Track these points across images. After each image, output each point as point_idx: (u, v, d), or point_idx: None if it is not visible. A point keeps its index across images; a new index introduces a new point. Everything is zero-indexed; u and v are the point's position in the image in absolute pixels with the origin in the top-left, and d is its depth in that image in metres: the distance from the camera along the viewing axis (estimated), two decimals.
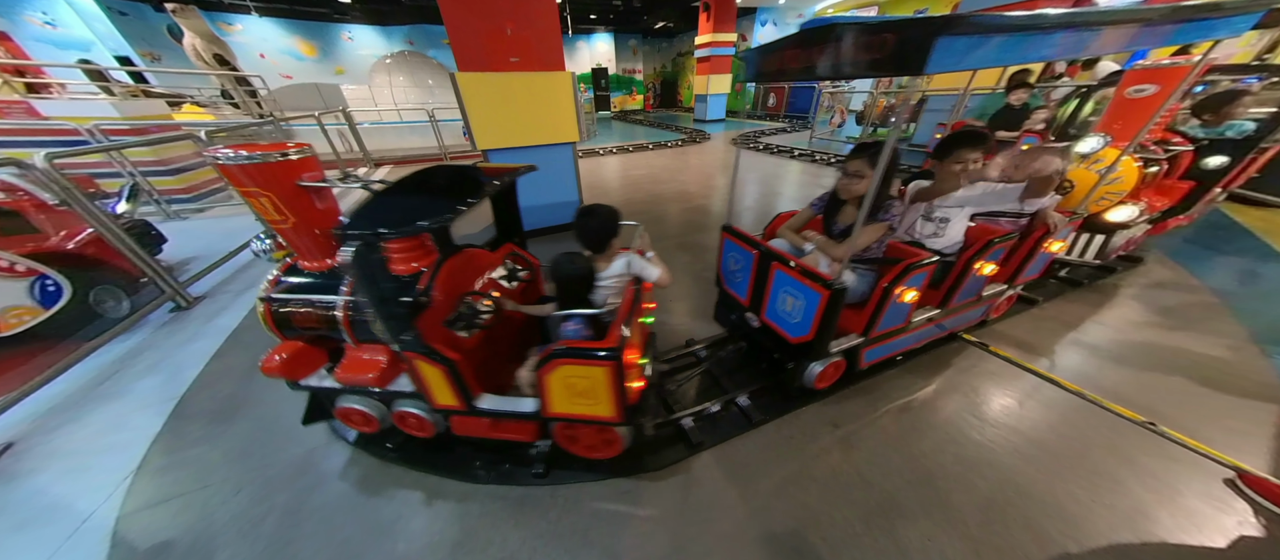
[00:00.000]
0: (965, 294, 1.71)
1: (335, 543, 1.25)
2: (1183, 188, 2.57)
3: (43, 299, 2.16)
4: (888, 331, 1.61)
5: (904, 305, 1.52)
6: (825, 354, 1.51)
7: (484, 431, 1.45)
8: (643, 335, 1.42)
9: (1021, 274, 1.89)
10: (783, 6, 11.77)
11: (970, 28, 0.71)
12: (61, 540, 1.27)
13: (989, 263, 1.63)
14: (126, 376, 2.01)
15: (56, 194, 2.13)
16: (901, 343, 1.75)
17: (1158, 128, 2.51)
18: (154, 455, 1.58)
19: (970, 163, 1.56)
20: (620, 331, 1.09)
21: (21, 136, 3.95)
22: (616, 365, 1.08)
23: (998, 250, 1.61)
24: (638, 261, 1.34)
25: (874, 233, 1.47)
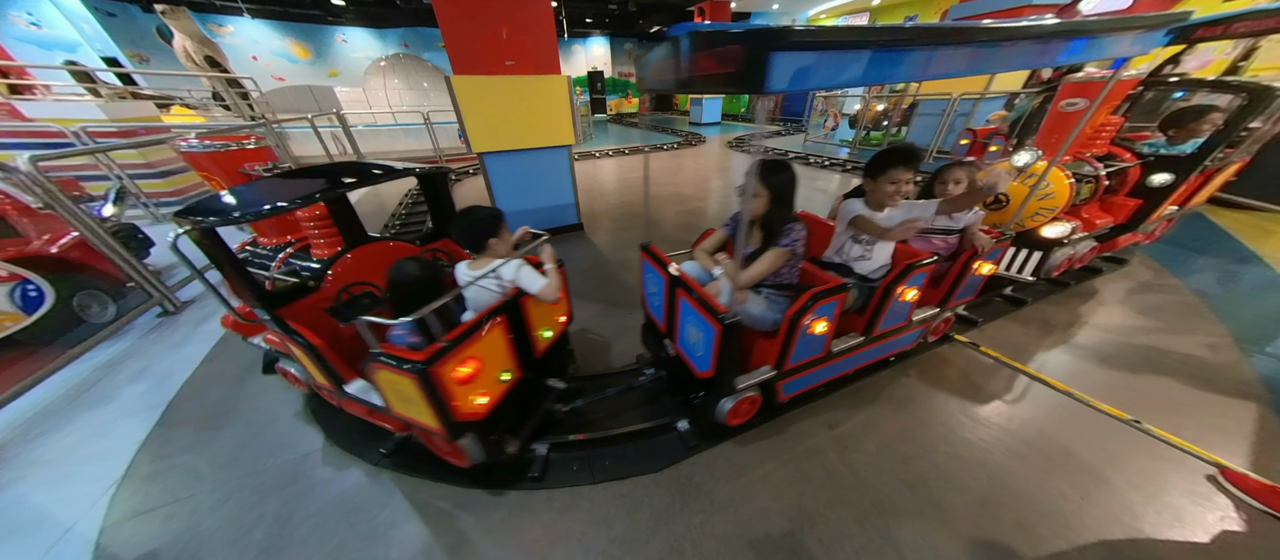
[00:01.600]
0: (890, 320, 1.58)
1: (326, 550, 1.23)
2: (1130, 204, 2.49)
3: (24, 304, 2.11)
4: (805, 362, 1.47)
5: (818, 335, 1.38)
6: (732, 390, 1.37)
7: (364, 414, 1.43)
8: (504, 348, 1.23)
9: (954, 297, 1.79)
10: (776, 11, 11.93)
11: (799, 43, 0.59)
12: (42, 552, 1.24)
13: (911, 288, 1.50)
14: (111, 383, 1.97)
15: (40, 197, 2.09)
16: (826, 372, 1.62)
17: (1102, 142, 2.38)
18: (140, 463, 1.54)
19: (903, 183, 1.42)
20: (441, 343, 1.04)
21: (3, 139, 3.87)
22: (421, 376, 0.99)
23: (919, 275, 1.47)
24: (522, 270, 1.25)
25: (772, 260, 1.30)
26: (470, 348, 1.10)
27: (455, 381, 1.08)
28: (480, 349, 1.14)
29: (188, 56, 6.45)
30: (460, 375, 1.08)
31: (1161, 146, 2.45)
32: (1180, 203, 2.58)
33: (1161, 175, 2.35)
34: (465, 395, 1.12)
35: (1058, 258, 2.30)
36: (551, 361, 1.66)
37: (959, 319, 2.28)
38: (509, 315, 1.25)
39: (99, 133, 4.04)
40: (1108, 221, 2.44)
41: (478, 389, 1.15)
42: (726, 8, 10.30)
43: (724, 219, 1.57)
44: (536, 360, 1.44)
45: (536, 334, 1.41)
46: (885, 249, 1.54)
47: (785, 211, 1.32)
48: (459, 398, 1.10)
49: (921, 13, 9.52)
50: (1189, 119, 2.34)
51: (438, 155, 7.28)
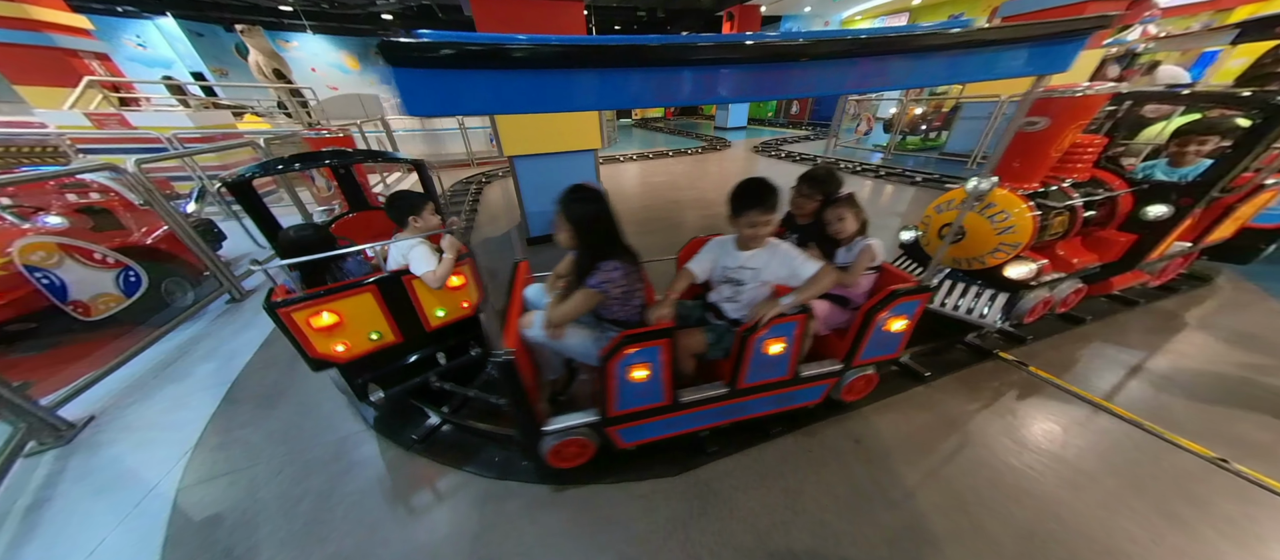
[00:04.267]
0: (760, 373, 1.32)
1: (363, 527, 1.32)
2: (1123, 240, 2.01)
3: (126, 288, 2.43)
4: (642, 410, 1.27)
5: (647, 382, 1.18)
6: (537, 432, 1.25)
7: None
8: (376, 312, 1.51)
9: (859, 353, 1.42)
10: (808, 15, 11.65)
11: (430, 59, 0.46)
12: (131, 507, 1.42)
13: (776, 340, 1.24)
14: (188, 361, 2.22)
15: (141, 195, 2.40)
16: (685, 423, 1.40)
17: (1082, 166, 1.92)
18: (209, 434, 1.73)
19: (760, 226, 1.22)
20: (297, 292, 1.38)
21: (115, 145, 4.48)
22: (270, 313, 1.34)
23: (784, 326, 1.22)
24: (414, 252, 1.50)
25: (579, 302, 1.17)
26: (331, 302, 1.40)
27: (310, 326, 1.39)
28: (344, 306, 1.43)
29: (259, 70, 7.19)
30: (316, 323, 1.40)
31: (1160, 170, 2.04)
32: (1193, 238, 2.11)
33: (1157, 207, 1.90)
34: (324, 340, 1.43)
35: (1029, 301, 1.92)
36: (453, 337, 1.80)
37: (1007, 335, 2.10)
38: (384, 286, 1.49)
39: (187, 138, 4.60)
40: (1092, 260, 2.04)
41: (338, 338, 1.46)
42: (756, 13, 10.19)
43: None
44: (427, 333, 1.66)
45: (426, 310, 1.62)
46: (755, 292, 1.30)
47: (595, 248, 1.17)
48: (316, 341, 1.42)
49: (967, 10, 8.97)
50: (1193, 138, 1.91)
51: (470, 158, 7.66)
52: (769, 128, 12.52)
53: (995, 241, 1.84)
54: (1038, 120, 1.70)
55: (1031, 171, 1.79)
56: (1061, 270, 1.98)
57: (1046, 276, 1.90)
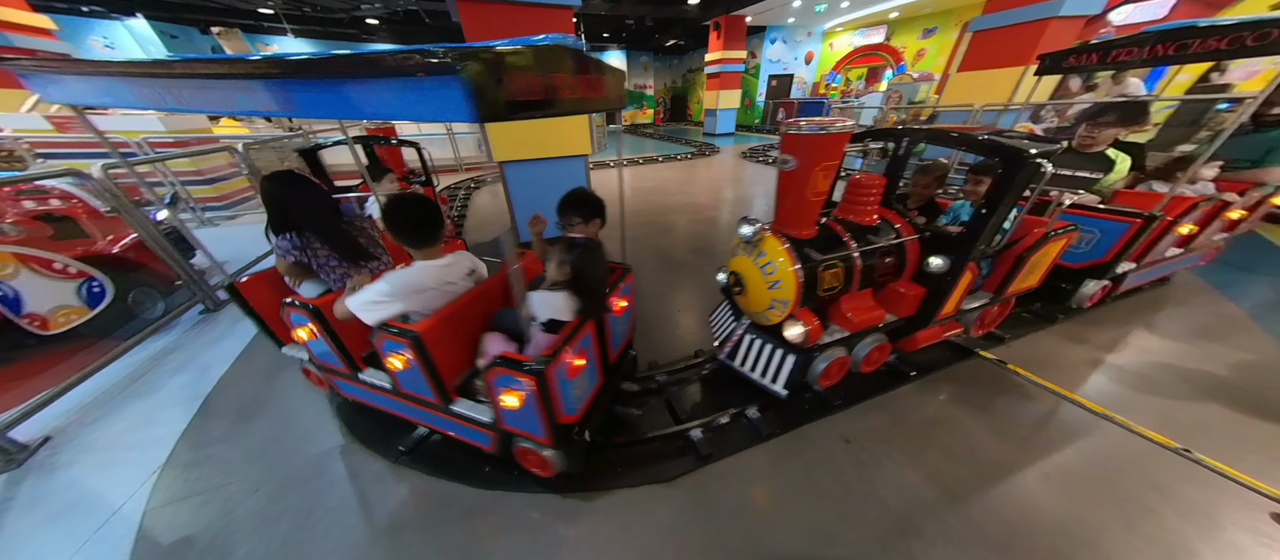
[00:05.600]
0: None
1: (346, 544, 1.27)
2: (915, 293, 1.65)
3: (89, 299, 2.30)
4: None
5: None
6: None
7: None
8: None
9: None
10: (792, 26, 12.01)
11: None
12: (92, 532, 1.33)
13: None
14: (158, 374, 2.10)
15: (108, 202, 2.29)
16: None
17: (868, 207, 1.60)
18: (180, 451, 1.64)
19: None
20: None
21: (80, 149, 4.26)
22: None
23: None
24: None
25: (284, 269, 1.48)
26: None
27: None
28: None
29: None
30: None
31: (965, 211, 1.82)
32: (994, 289, 1.81)
33: (937, 258, 1.55)
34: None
35: (821, 363, 1.61)
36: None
37: (990, 337, 2.16)
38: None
39: (158, 143, 4.41)
40: (876, 318, 1.66)
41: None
42: (741, 23, 10.45)
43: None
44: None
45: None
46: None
47: (281, 220, 1.40)
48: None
49: (941, 25, 9.41)
50: (970, 177, 1.75)
51: (458, 164, 7.57)
52: (756, 134, 12.79)
53: (768, 297, 1.54)
54: (789, 159, 1.38)
55: (800, 217, 1.49)
56: (848, 328, 1.62)
57: (827, 337, 1.59)
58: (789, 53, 12.87)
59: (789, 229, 1.51)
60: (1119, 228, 2.05)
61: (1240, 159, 2.32)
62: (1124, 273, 2.24)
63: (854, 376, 1.81)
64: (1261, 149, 2.25)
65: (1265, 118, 2.24)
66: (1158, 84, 6.05)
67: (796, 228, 1.52)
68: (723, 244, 3.64)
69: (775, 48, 12.76)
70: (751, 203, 5.07)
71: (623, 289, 1.45)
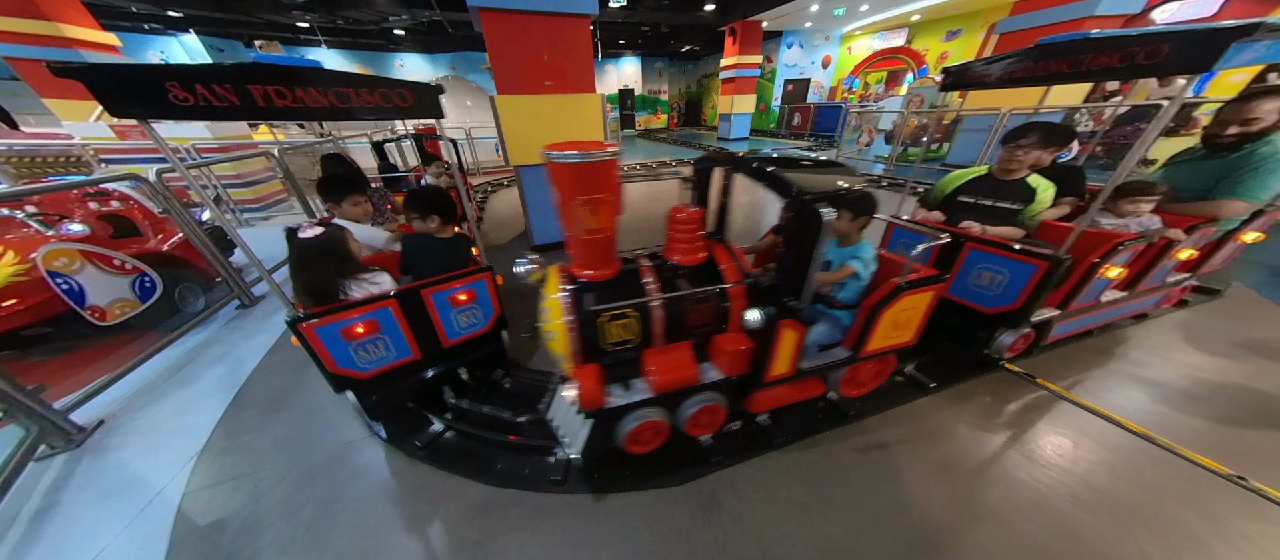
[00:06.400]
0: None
1: (364, 534, 1.32)
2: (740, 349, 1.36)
3: (141, 294, 2.48)
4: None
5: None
6: None
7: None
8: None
9: None
10: (809, 30, 11.90)
11: None
12: (137, 511, 1.42)
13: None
14: (197, 366, 2.25)
15: (160, 203, 2.47)
16: None
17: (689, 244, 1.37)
18: (216, 438, 1.74)
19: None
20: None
21: (138, 155, 4.63)
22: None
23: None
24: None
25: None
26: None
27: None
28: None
29: None
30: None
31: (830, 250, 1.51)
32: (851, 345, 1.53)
33: (751, 312, 1.25)
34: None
35: (627, 428, 1.38)
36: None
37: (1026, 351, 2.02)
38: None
39: (205, 148, 4.75)
40: (687, 378, 1.35)
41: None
42: (758, 28, 10.43)
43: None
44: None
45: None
46: None
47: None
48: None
49: (966, 27, 9.12)
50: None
51: (475, 168, 7.80)
52: (771, 139, 12.66)
53: (558, 346, 1.29)
54: (554, 191, 1.14)
55: (588, 256, 1.27)
56: (651, 388, 1.33)
57: (623, 398, 1.32)
58: (806, 57, 12.73)
59: (577, 268, 1.29)
60: (1026, 270, 1.65)
61: (1185, 188, 1.89)
62: (1045, 320, 1.86)
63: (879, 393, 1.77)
64: (1211, 177, 1.81)
65: (1219, 140, 1.78)
66: (1208, 85, 5.65)
67: (584, 268, 1.28)
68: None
69: (792, 52, 12.65)
70: (764, 207, 5.02)
71: (467, 285, 1.65)
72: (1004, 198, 1.82)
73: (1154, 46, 1.13)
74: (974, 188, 1.94)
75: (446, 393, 1.83)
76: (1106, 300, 1.95)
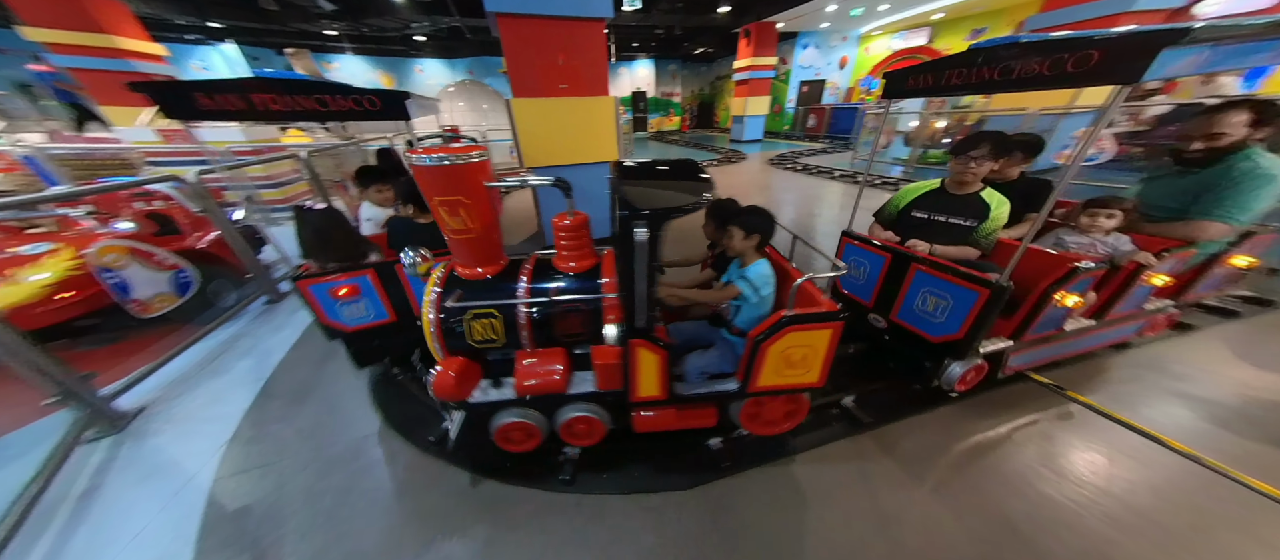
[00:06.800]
0: None
1: (380, 525, 1.36)
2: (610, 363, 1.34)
3: (179, 288, 2.63)
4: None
5: None
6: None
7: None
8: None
9: None
10: (826, 31, 11.70)
11: None
12: (171, 495, 1.50)
13: None
14: (229, 357, 2.36)
15: (199, 203, 2.62)
16: None
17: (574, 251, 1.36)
18: (244, 427, 1.82)
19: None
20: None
21: (180, 157, 4.93)
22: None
23: None
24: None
25: None
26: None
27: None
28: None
29: None
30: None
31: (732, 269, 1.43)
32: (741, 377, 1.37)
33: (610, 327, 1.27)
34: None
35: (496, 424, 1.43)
36: None
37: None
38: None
39: (240, 151, 5.01)
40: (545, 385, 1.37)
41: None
42: (772, 30, 10.32)
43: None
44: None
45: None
46: None
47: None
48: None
49: (991, 26, 8.80)
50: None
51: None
52: (785, 140, 12.49)
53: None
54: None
55: (464, 253, 1.32)
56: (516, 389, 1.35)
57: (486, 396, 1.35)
58: (822, 58, 12.53)
59: (457, 264, 1.34)
60: (968, 296, 1.46)
61: (1157, 206, 1.72)
62: (996, 351, 1.65)
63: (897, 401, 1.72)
64: (1186, 195, 1.64)
65: (1187, 155, 1.63)
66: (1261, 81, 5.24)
67: (463, 265, 1.33)
68: None
69: (807, 54, 12.47)
70: (778, 210, 4.95)
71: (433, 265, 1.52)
72: (957, 213, 1.65)
73: (1082, 53, 0.96)
74: (927, 202, 1.77)
75: (414, 356, 1.97)
76: (1073, 329, 1.73)
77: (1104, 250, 1.65)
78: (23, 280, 2.15)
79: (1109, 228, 1.66)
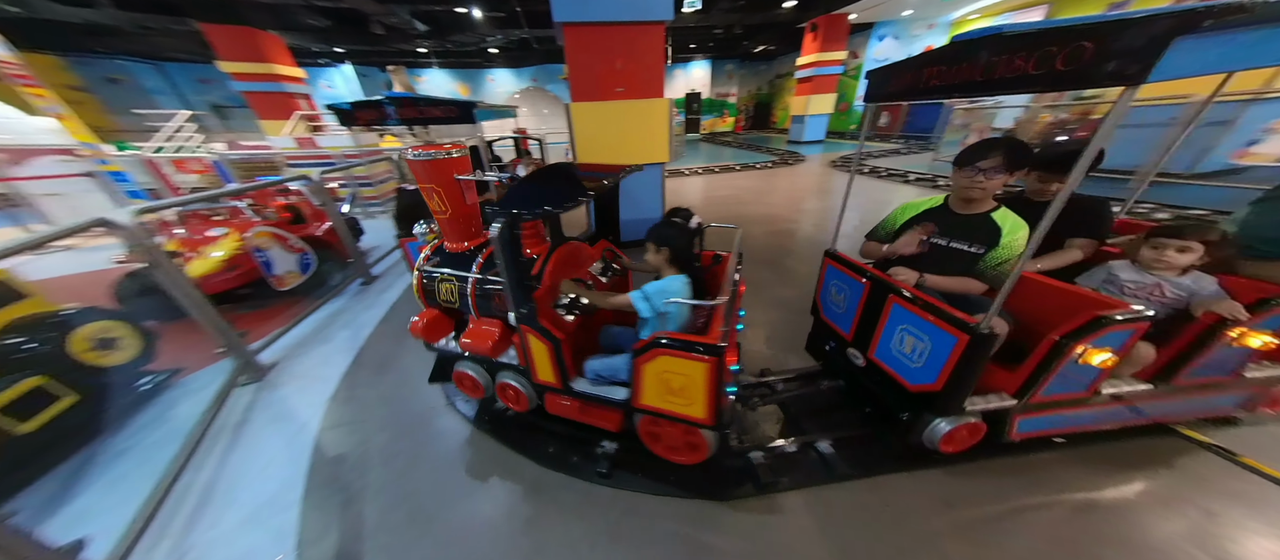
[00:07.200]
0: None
1: (439, 489, 1.52)
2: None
3: (302, 268, 3.22)
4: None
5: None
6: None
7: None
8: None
9: None
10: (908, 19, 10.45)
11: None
12: (292, 436, 1.85)
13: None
14: (332, 328, 2.82)
15: (319, 198, 3.17)
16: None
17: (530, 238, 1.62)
18: (341, 388, 2.17)
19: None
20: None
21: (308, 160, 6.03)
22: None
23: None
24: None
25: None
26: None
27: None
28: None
29: None
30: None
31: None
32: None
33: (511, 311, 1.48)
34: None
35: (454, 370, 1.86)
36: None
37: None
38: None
39: (349, 155, 5.97)
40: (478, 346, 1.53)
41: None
42: (844, 22, 9.50)
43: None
44: None
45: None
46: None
47: None
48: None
49: None
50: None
51: None
52: (851, 141, 11.44)
53: None
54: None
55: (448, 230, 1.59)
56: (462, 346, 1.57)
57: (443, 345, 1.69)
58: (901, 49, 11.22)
59: (445, 238, 1.64)
60: (946, 340, 1.19)
61: (1269, 238, 1.31)
62: (997, 411, 1.33)
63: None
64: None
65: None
66: None
67: (448, 239, 1.62)
68: (797, 257, 3.35)
69: (883, 45, 11.27)
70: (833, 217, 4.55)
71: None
72: (961, 237, 1.36)
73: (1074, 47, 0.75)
74: (926, 221, 1.50)
75: None
76: (1116, 391, 1.32)
77: (1175, 293, 1.25)
78: (208, 256, 2.80)
79: (1183, 265, 1.24)
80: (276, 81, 7.67)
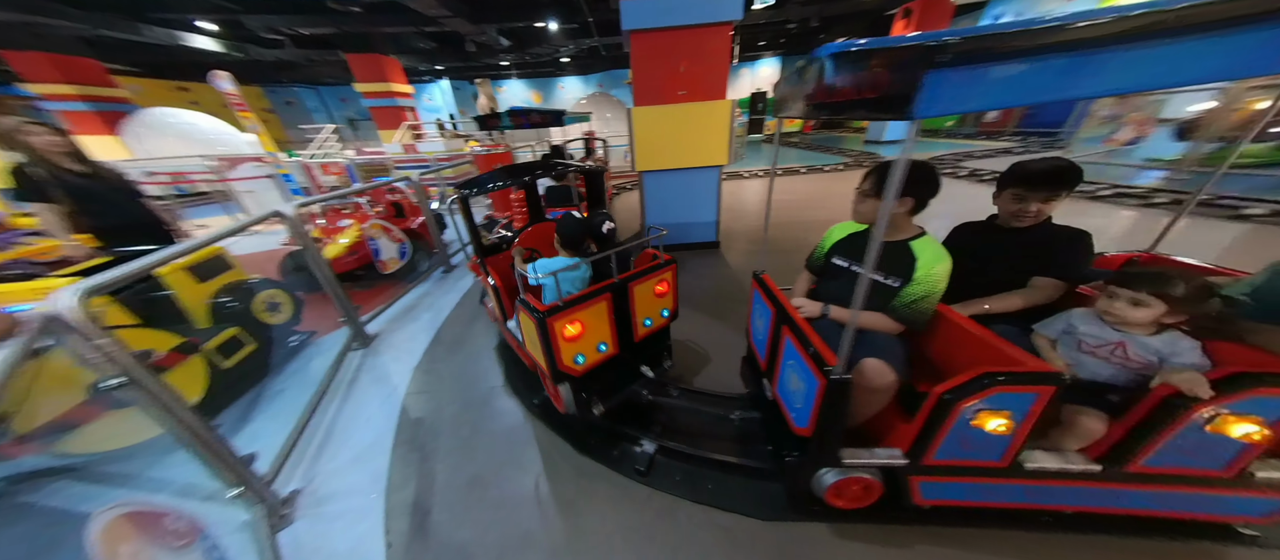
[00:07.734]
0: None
1: (494, 462, 1.70)
2: None
3: (401, 255, 3.82)
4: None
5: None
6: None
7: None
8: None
9: None
10: None
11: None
12: (386, 396, 2.21)
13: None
14: (418, 309, 3.30)
15: (416, 196, 3.72)
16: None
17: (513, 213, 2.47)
18: (423, 361, 2.53)
19: None
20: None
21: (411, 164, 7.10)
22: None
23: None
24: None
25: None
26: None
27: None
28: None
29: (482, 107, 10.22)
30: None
31: None
32: None
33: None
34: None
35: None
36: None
37: None
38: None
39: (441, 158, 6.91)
40: None
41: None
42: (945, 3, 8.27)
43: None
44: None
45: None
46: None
47: None
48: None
49: None
50: None
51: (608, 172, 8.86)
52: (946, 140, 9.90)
53: None
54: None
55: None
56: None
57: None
58: None
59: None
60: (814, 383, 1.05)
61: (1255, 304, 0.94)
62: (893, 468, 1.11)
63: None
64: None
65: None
66: None
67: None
68: None
69: None
70: None
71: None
72: (877, 266, 1.18)
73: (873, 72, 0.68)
74: (848, 248, 1.36)
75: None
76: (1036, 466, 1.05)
77: (1140, 355, 0.99)
78: (338, 242, 3.47)
79: (1143, 321, 0.98)
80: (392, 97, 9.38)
